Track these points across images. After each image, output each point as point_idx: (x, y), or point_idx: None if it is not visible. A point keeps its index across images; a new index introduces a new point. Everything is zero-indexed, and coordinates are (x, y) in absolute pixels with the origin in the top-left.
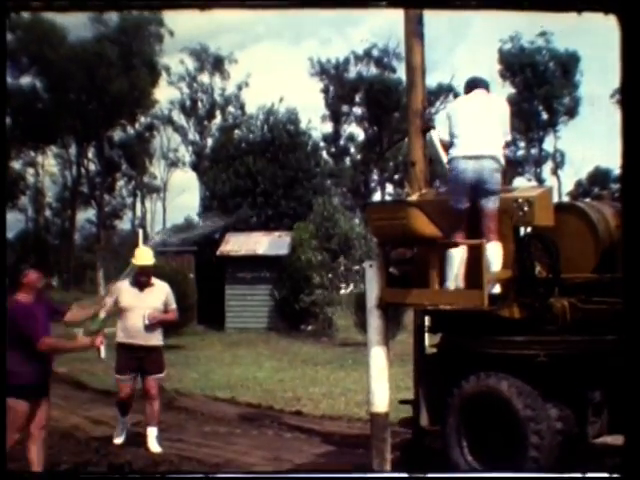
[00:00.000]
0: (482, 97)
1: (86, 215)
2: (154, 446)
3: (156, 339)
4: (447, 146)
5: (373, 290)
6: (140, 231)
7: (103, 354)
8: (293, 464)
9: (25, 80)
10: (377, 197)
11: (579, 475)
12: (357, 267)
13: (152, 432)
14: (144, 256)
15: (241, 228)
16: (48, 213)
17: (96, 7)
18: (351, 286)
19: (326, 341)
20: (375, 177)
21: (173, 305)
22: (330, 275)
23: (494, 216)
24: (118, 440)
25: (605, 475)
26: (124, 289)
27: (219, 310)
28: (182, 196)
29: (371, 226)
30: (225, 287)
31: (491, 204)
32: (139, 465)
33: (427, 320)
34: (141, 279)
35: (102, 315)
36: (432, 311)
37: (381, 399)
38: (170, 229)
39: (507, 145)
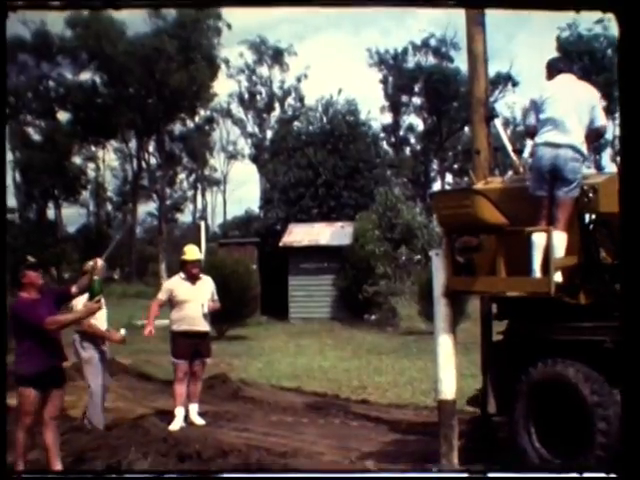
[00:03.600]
0: (568, 83)
1: (147, 208)
2: (197, 420)
3: (209, 326)
4: (533, 133)
5: (439, 278)
6: (202, 224)
7: (123, 331)
8: (360, 452)
9: (85, 76)
10: (437, 187)
11: (577, 475)
12: (419, 256)
13: (194, 408)
14: (193, 252)
15: (303, 219)
16: (109, 207)
17: (95, 6)
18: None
19: (390, 330)
20: (435, 167)
21: (216, 296)
22: (393, 265)
23: (564, 205)
24: (174, 427)
25: (602, 475)
26: (177, 283)
27: (283, 301)
28: (242, 188)
29: (437, 214)
30: (288, 278)
31: (562, 193)
32: (208, 454)
33: (494, 307)
34: (193, 273)
35: (97, 278)
36: (499, 298)
37: (448, 387)
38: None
39: (599, 134)
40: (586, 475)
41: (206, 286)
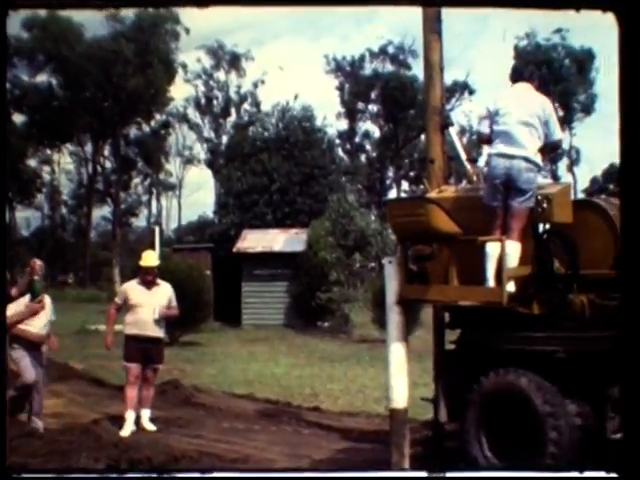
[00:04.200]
0: (523, 93)
1: (102, 212)
2: (149, 426)
3: (162, 332)
4: (488, 141)
5: (392, 286)
6: (156, 228)
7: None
8: (312, 460)
9: (41, 78)
10: (393, 194)
11: (577, 475)
12: (373, 264)
13: (146, 413)
14: (150, 258)
15: (257, 225)
16: (64, 211)
17: (95, 5)
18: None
19: (343, 338)
20: (391, 174)
21: (174, 303)
22: (346, 272)
23: (518, 215)
24: (125, 432)
25: (602, 474)
26: (133, 288)
27: (236, 307)
28: (197, 193)
29: (391, 222)
30: (242, 284)
31: (516, 203)
32: (159, 460)
33: (447, 316)
34: (147, 278)
35: (36, 278)
36: (452, 307)
37: (400, 395)
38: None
39: (555, 147)
40: (586, 475)
41: (162, 292)
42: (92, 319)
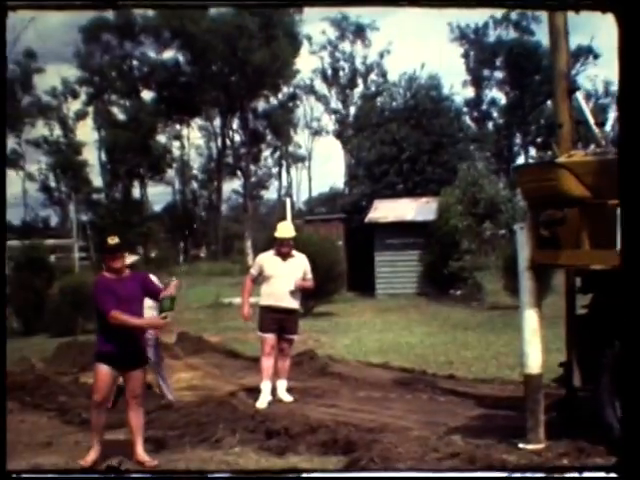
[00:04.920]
0: None
1: (232, 186)
2: (285, 396)
3: (297, 303)
4: None
5: (524, 252)
6: (287, 200)
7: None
8: (448, 427)
9: (168, 55)
10: (521, 160)
11: (577, 475)
12: (503, 231)
13: (282, 384)
14: (285, 229)
15: (388, 195)
16: (195, 185)
17: (95, 5)
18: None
19: (475, 305)
20: (518, 141)
21: (310, 275)
22: (477, 240)
23: None
24: (261, 404)
25: (602, 475)
26: (268, 259)
27: (369, 277)
28: (327, 165)
29: (521, 188)
30: (374, 254)
31: None
32: (296, 431)
33: (578, 281)
34: (283, 250)
35: (169, 295)
36: (583, 272)
37: (534, 361)
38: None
39: None
40: (586, 475)
41: (297, 264)
42: (225, 292)
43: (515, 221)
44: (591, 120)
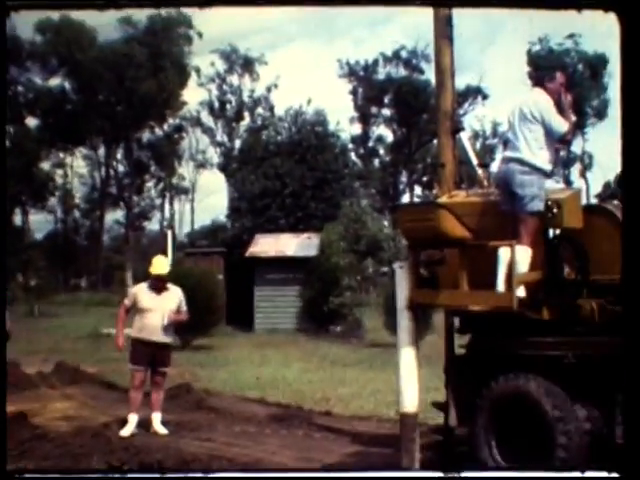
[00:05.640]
0: (527, 96)
1: (115, 216)
2: (160, 429)
3: (169, 337)
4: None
5: (403, 291)
6: (169, 232)
7: None
8: (323, 464)
9: (54, 82)
10: (406, 199)
11: (578, 475)
12: (385, 269)
13: (157, 417)
14: (160, 265)
15: (270, 229)
16: (77, 214)
17: (95, 6)
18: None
19: (355, 342)
20: (404, 179)
21: (184, 307)
22: (359, 277)
23: (525, 219)
24: (125, 433)
25: (604, 475)
26: (142, 292)
27: (248, 311)
28: (210, 197)
29: (401, 227)
30: (254, 288)
31: (518, 207)
32: (170, 464)
33: (457, 321)
34: (158, 285)
35: None
36: (462, 312)
37: (411, 399)
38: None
39: (563, 140)
40: (588, 475)
41: (172, 297)
42: (104, 323)
43: (397, 259)
44: (474, 161)
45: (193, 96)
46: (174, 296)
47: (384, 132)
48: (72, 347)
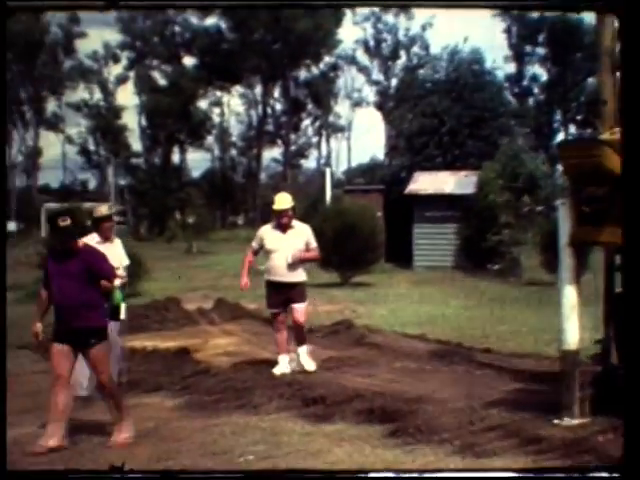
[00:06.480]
0: None
1: (272, 154)
2: (307, 363)
3: (298, 276)
4: None
5: (565, 228)
6: (327, 170)
7: (123, 315)
8: (483, 401)
9: (210, 21)
10: (560, 137)
11: (579, 475)
12: (540, 207)
13: (303, 350)
14: (283, 200)
15: (427, 167)
16: (234, 152)
17: (96, 7)
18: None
19: (512, 280)
20: (558, 117)
21: (314, 244)
22: (515, 215)
23: None
24: (276, 371)
25: (605, 475)
26: (268, 232)
27: (407, 248)
28: (366, 136)
29: (564, 164)
30: (413, 225)
31: None
32: (333, 399)
33: (618, 259)
34: (282, 222)
35: (117, 290)
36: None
37: (572, 337)
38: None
39: None
40: (589, 475)
41: (298, 235)
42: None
43: (554, 197)
44: None
45: (348, 34)
46: (301, 234)
47: (538, 71)
48: (231, 284)
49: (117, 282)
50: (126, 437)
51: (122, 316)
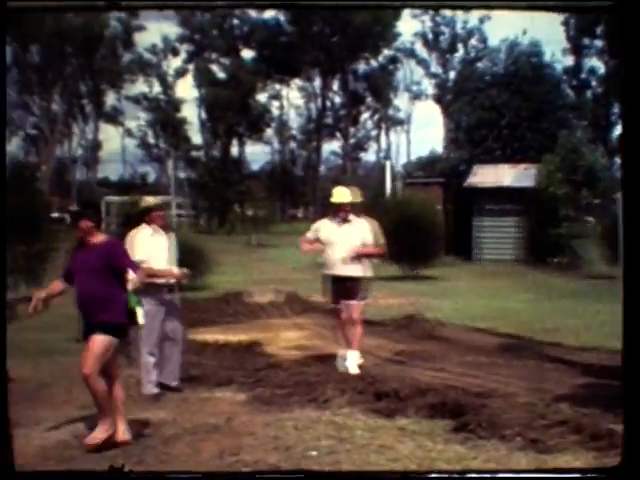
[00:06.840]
0: None
1: (331, 147)
2: (353, 368)
3: (355, 271)
4: None
5: None
6: (387, 163)
7: (141, 320)
8: (555, 395)
9: (268, 14)
10: (618, 131)
11: (579, 475)
12: (598, 200)
13: (352, 355)
14: (341, 194)
15: (486, 160)
16: (293, 145)
17: (96, 7)
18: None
19: (574, 274)
20: (615, 110)
21: (380, 240)
22: (576, 207)
23: None
24: (340, 367)
25: (604, 476)
26: (324, 225)
27: (466, 241)
28: (426, 129)
29: None
30: (473, 218)
31: None
32: (405, 393)
33: None
34: (339, 215)
35: (131, 294)
36: None
37: None
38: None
39: None
40: (589, 475)
41: (356, 229)
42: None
43: (613, 190)
44: None
45: (407, 28)
46: (359, 228)
47: (596, 64)
48: (296, 277)
49: (130, 286)
50: (95, 437)
51: (140, 321)
